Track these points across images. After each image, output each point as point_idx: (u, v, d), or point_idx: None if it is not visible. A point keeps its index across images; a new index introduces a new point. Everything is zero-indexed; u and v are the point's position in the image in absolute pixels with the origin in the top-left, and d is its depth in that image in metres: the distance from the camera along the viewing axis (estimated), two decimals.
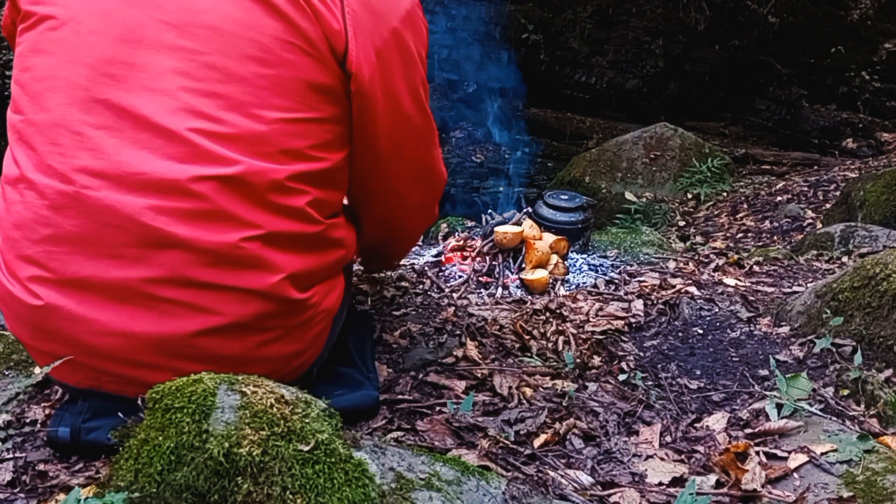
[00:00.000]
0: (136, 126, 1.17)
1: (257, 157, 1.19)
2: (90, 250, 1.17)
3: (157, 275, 1.16)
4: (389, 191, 1.47)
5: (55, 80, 1.20)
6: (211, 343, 1.19)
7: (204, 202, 1.16)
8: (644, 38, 7.36)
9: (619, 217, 5.12)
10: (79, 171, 1.16)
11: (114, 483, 0.96)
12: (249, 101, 1.19)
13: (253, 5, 1.21)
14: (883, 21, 7.96)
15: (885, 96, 7.85)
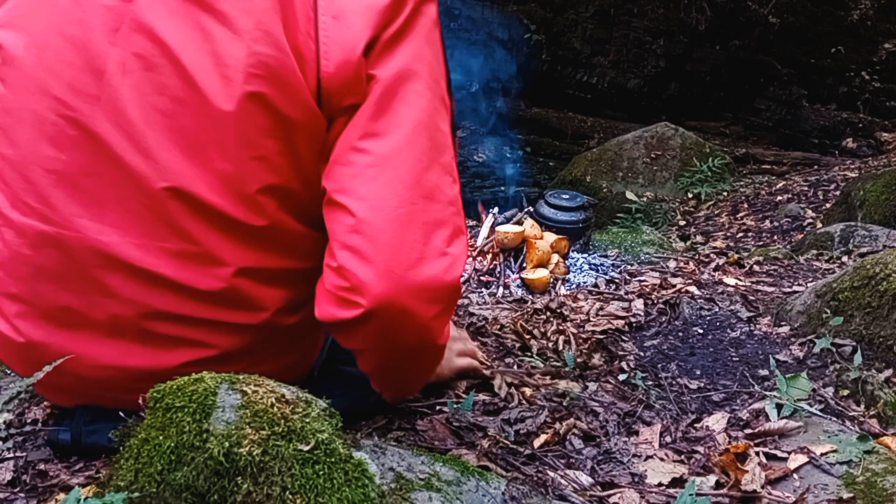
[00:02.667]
0: (110, 162, 1.11)
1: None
2: (77, 287, 1.14)
3: (148, 310, 1.14)
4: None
5: (22, 113, 1.13)
6: (203, 369, 1.17)
7: (191, 244, 1.12)
8: (645, 38, 7.36)
9: (620, 216, 5.13)
10: (56, 211, 1.11)
11: (114, 483, 0.96)
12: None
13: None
14: (883, 21, 7.96)
15: (885, 96, 7.85)
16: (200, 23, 1.10)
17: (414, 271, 1.10)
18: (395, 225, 1.10)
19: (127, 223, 1.12)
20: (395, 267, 1.10)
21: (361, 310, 1.09)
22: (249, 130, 1.10)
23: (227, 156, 1.10)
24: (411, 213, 1.11)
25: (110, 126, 1.10)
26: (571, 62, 7.37)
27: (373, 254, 1.09)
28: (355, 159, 1.12)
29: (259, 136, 1.11)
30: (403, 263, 1.10)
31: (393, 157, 1.12)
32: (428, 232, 1.12)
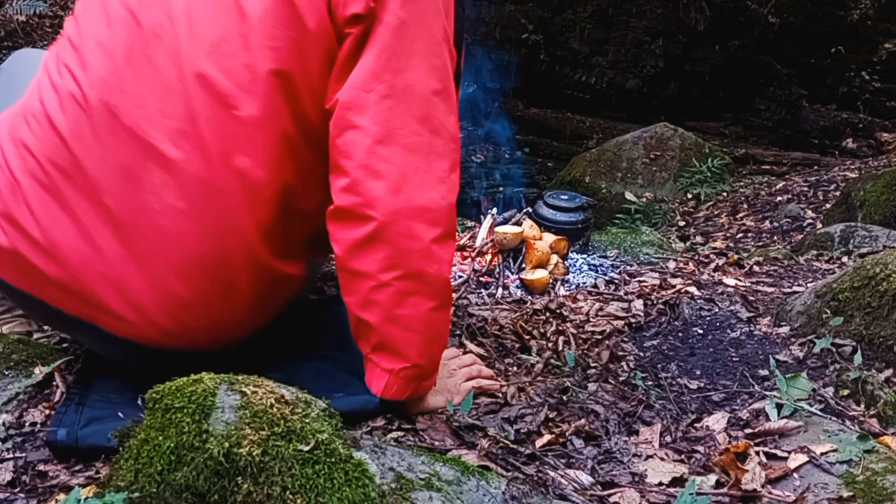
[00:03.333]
0: (153, 42, 1.28)
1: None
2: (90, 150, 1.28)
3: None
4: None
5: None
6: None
7: (192, 126, 1.25)
8: (644, 39, 7.35)
9: (619, 217, 5.12)
10: (88, 74, 1.29)
11: (114, 483, 0.96)
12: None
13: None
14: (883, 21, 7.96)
15: (885, 96, 7.85)
16: None
17: (418, 193, 1.25)
18: (406, 151, 1.25)
19: (151, 97, 1.25)
20: (404, 186, 1.24)
21: (375, 223, 1.23)
22: (270, 23, 1.24)
23: (246, 45, 1.24)
24: (419, 142, 1.26)
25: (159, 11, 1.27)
26: (570, 62, 7.36)
27: (385, 173, 1.24)
28: (373, 87, 1.24)
29: (278, 29, 1.24)
30: (410, 185, 1.25)
31: (407, 92, 1.26)
32: (431, 161, 1.27)
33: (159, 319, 1.30)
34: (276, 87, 1.24)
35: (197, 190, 1.24)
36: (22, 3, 5.58)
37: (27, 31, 5.78)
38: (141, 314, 1.30)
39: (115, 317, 1.30)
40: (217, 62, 1.23)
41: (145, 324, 1.31)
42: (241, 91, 1.23)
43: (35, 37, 5.78)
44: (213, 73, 1.23)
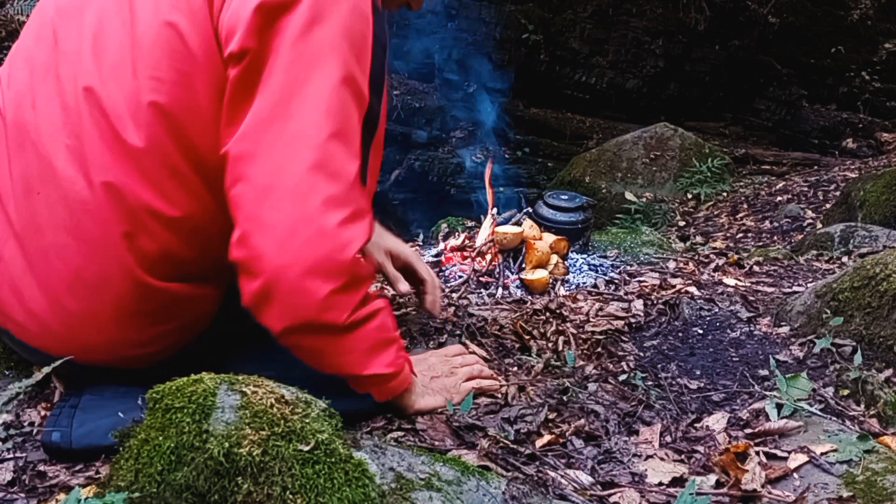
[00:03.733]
0: (58, 58, 1.31)
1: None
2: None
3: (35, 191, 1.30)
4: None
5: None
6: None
7: (79, 143, 1.25)
8: (644, 39, 7.36)
9: (619, 217, 5.13)
10: (10, 86, 1.35)
11: (114, 483, 0.96)
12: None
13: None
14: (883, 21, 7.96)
15: (885, 96, 7.86)
16: None
17: (309, 247, 1.16)
18: (296, 202, 1.16)
19: (53, 113, 1.25)
20: (292, 240, 1.15)
21: (262, 279, 1.16)
22: (157, 54, 1.21)
23: (135, 72, 1.21)
24: (311, 192, 1.16)
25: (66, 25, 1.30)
26: (570, 62, 7.37)
27: (272, 226, 1.15)
28: (261, 136, 1.18)
29: (163, 60, 1.21)
30: (299, 238, 1.15)
31: (298, 139, 1.17)
32: (326, 211, 1.16)
33: (57, 331, 1.30)
34: (157, 119, 1.21)
35: (79, 208, 1.24)
36: (23, 3, 5.58)
37: None
38: (40, 324, 1.30)
39: (19, 325, 1.32)
40: (108, 85, 1.22)
41: (45, 334, 1.31)
42: (126, 117, 1.22)
43: None
44: (103, 95, 1.22)
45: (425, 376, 1.50)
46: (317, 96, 1.19)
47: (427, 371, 1.52)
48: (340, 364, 1.29)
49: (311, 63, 1.19)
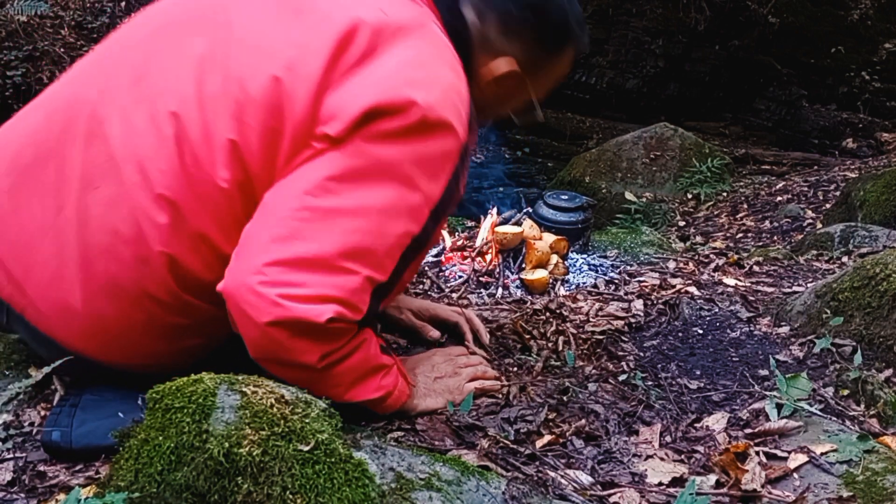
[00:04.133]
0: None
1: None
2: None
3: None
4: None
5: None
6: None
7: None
8: (644, 39, 7.36)
9: (619, 217, 5.13)
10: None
11: (114, 483, 0.96)
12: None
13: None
14: (883, 21, 7.96)
15: (885, 96, 7.85)
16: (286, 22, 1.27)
17: (252, 278, 1.16)
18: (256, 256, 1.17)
19: (135, 118, 1.26)
20: (244, 265, 1.17)
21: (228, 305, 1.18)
22: (256, 101, 1.21)
23: (228, 110, 1.22)
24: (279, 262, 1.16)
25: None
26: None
27: (244, 249, 1.19)
28: (295, 208, 1.19)
29: (260, 108, 1.21)
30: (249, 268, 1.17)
31: (315, 236, 1.18)
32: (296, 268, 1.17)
33: (82, 326, 1.29)
34: (234, 158, 1.21)
35: (134, 216, 1.23)
36: (23, 4, 5.58)
37: (28, 32, 5.79)
38: (65, 316, 1.28)
39: (39, 311, 1.29)
40: (200, 114, 1.22)
41: (67, 327, 1.29)
42: (209, 149, 1.21)
43: (36, 37, 5.79)
44: (191, 122, 1.22)
45: (428, 377, 1.50)
46: (354, 211, 1.19)
47: (431, 371, 1.52)
48: (328, 394, 1.27)
49: (370, 175, 1.20)
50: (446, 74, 1.27)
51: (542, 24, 1.46)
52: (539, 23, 1.45)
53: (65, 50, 5.84)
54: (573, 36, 1.51)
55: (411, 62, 1.24)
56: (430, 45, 1.29)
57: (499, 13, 1.42)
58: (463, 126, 1.27)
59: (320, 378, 1.24)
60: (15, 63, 5.58)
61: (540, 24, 1.46)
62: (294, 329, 1.16)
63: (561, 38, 1.50)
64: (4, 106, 5.44)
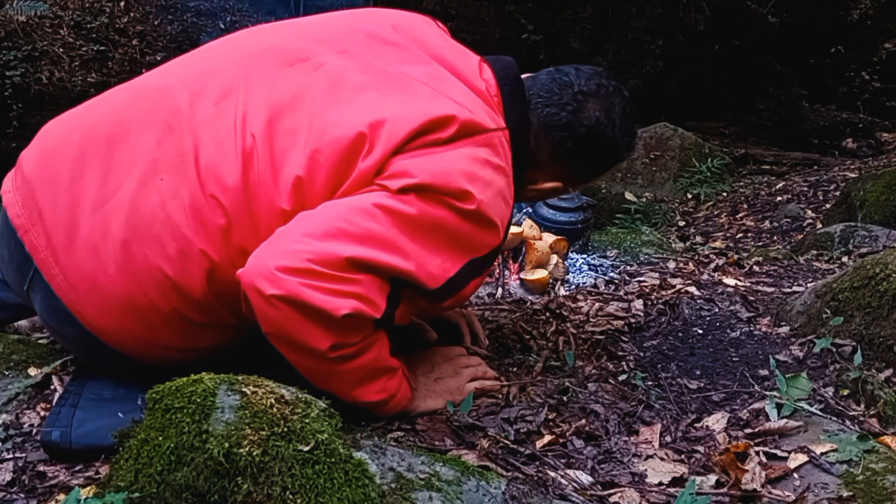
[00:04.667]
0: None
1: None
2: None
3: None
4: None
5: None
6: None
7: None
8: (644, 39, 7.35)
9: (619, 217, 5.12)
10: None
11: (114, 483, 0.96)
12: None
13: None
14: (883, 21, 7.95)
15: (885, 96, 7.85)
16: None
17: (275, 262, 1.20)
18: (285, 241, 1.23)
19: (217, 126, 1.34)
20: (269, 250, 1.22)
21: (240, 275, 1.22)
22: (336, 150, 1.30)
23: (305, 148, 1.30)
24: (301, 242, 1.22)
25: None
26: (570, 62, 7.33)
27: (273, 240, 1.23)
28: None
29: (336, 156, 1.29)
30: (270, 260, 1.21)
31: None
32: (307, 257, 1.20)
33: (108, 308, 1.31)
34: (294, 193, 1.28)
35: (187, 213, 1.28)
36: (22, 4, 5.58)
37: (27, 32, 5.78)
38: (94, 292, 1.31)
39: (69, 283, 1.31)
40: (275, 143, 1.30)
41: (93, 303, 1.31)
42: (279, 177, 1.28)
43: (35, 37, 5.78)
44: (266, 147, 1.30)
45: (429, 378, 1.51)
46: (387, 239, 1.25)
47: (431, 372, 1.52)
48: (331, 388, 1.30)
49: (412, 222, 1.27)
50: (500, 180, 1.37)
51: (592, 159, 1.58)
52: (589, 159, 1.57)
53: (64, 50, 5.83)
54: (621, 158, 1.63)
55: (478, 162, 1.33)
56: (496, 151, 1.38)
57: (553, 142, 1.52)
58: (503, 229, 1.39)
59: (328, 370, 1.26)
60: (14, 63, 5.57)
61: (589, 160, 1.58)
62: (307, 312, 1.18)
63: (608, 165, 1.63)
64: (4, 106, 5.44)
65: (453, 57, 1.49)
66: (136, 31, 6.06)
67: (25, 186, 1.35)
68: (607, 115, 1.53)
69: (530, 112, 1.51)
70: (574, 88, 1.55)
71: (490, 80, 1.49)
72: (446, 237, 1.31)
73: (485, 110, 1.41)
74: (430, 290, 1.31)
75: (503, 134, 1.41)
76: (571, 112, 1.52)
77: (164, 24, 6.17)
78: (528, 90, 1.55)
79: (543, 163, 1.55)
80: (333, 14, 1.56)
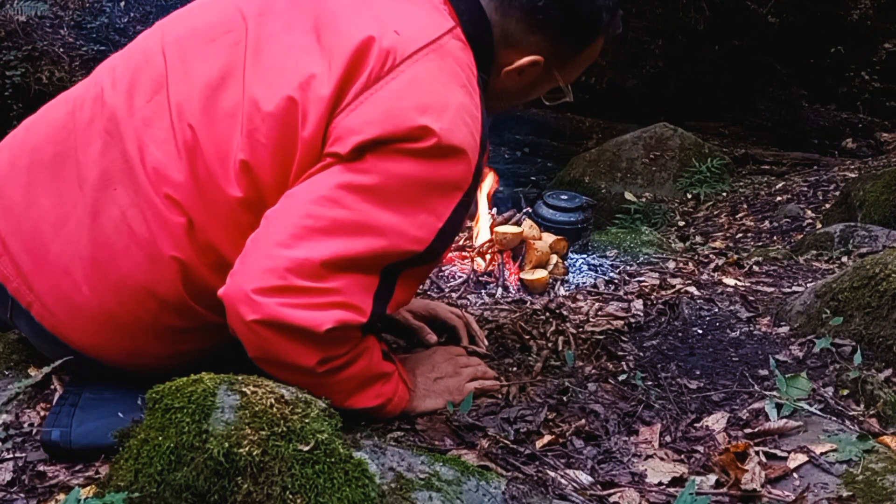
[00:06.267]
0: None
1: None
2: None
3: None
4: None
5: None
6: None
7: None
8: (644, 38, 7.35)
9: (619, 217, 5.12)
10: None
11: (114, 483, 0.96)
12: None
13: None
14: (883, 21, 7.95)
15: (884, 96, 7.84)
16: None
17: (252, 284, 1.16)
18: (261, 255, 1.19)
19: (152, 126, 1.29)
20: (246, 270, 1.18)
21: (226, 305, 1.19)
22: (269, 121, 1.23)
23: (242, 129, 1.24)
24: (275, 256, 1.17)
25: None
26: None
27: (248, 255, 1.20)
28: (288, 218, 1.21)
29: (274, 128, 1.23)
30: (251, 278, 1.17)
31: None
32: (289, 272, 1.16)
33: (86, 326, 1.30)
34: (246, 177, 1.24)
35: (148, 220, 1.25)
36: (22, 4, 5.58)
37: (27, 32, 5.78)
38: (73, 314, 1.30)
39: (46, 308, 1.30)
40: (214, 131, 1.25)
41: (74, 325, 1.31)
42: (224, 166, 1.24)
43: (35, 37, 5.79)
44: (205, 137, 1.24)
45: (428, 378, 1.50)
46: (359, 222, 1.19)
47: (430, 372, 1.52)
48: (327, 397, 1.29)
49: (378, 189, 1.20)
50: (458, 96, 1.26)
51: (570, 18, 1.40)
52: (566, 17, 1.39)
53: (64, 50, 5.84)
54: (603, 25, 1.43)
55: (423, 86, 1.23)
56: (443, 64, 1.27)
57: (522, 7, 1.37)
58: (475, 150, 1.27)
59: (320, 383, 1.24)
60: (14, 63, 5.58)
61: (567, 19, 1.40)
62: (290, 332, 1.16)
63: (590, 31, 1.44)
64: (4, 106, 5.44)
65: None
66: (136, 31, 6.05)
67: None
68: None
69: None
70: None
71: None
72: (420, 191, 1.22)
73: (425, 13, 1.31)
74: (422, 252, 1.25)
75: (452, 35, 1.30)
76: None
77: None
78: None
79: (515, 37, 1.40)
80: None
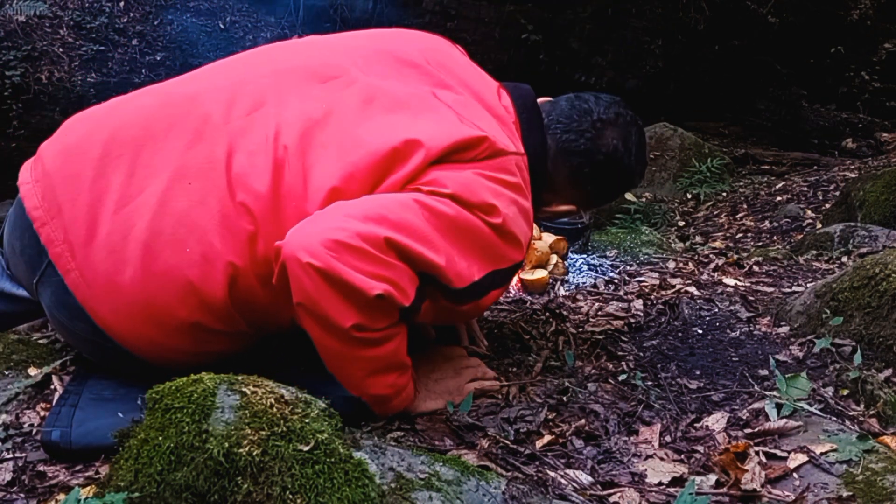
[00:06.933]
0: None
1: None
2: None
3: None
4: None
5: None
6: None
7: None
8: (644, 38, 7.35)
9: (619, 217, 5.12)
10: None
11: (114, 483, 0.96)
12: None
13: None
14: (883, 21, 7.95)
15: (884, 96, 7.85)
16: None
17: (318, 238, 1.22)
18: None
19: (249, 137, 1.37)
20: (311, 227, 1.24)
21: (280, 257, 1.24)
22: (372, 162, 1.33)
23: (339, 158, 1.34)
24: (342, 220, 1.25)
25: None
26: (569, 62, 7.35)
27: (312, 218, 1.26)
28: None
29: (371, 168, 1.34)
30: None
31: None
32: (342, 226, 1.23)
33: (122, 307, 1.32)
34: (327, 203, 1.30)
35: (214, 221, 1.30)
36: (22, 4, 5.58)
37: (27, 32, 5.78)
38: (110, 291, 1.31)
39: (85, 280, 1.32)
40: (307, 156, 1.33)
41: (107, 302, 1.32)
42: (310, 189, 1.31)
43: (35, 37, 5.78)
44: (298, 162, 1.33)
45: (429, 378, 1.51)
46: (427, 234, 1.28)
47: (431, 373, 1.53)
48: (344, 373, 1.32)
49: (449, 221, 1.31)
50: (522, 201, 1.43)
51: (607, 185, 1.64)
52: (604, 184, 1.63)
53: (63, 50, 5.84)
54: (632, 187, 1.73)
55: (502, 182, 1.38)
56: (515, 175, 1.42)
57: (571, 166, 1.57)
58: (524, 249, 1.45)
59: (347, 352, 1.28)
60: (14, 63, 5.57)
61: (604, 185, 1.64)
62: (340, 287, 1.20)
63: (622, 191, 1.72)
64: (4, 106, 5.44)
65: (476, 83, 1.53)
66: (136, 31, 6.06)
67: (45, 180, 1.36)
68: (624, 144, 1.57)
69: (549, 136, 1.55)
70: (593, 116, 1.57)
71: (509, 106, 1.53)
72: (475, 242, 1.34)
73: (506, 135, 1.44)
74: (455, 289, 1.33)
75: (522, 159, 1.45)
76: (590, 139, 1.56)
77: (163, 24, 6.17)
78: (548, 115, 1.58)
79: (559, 186, 1.59)
80: (361, 33, 1.61)
